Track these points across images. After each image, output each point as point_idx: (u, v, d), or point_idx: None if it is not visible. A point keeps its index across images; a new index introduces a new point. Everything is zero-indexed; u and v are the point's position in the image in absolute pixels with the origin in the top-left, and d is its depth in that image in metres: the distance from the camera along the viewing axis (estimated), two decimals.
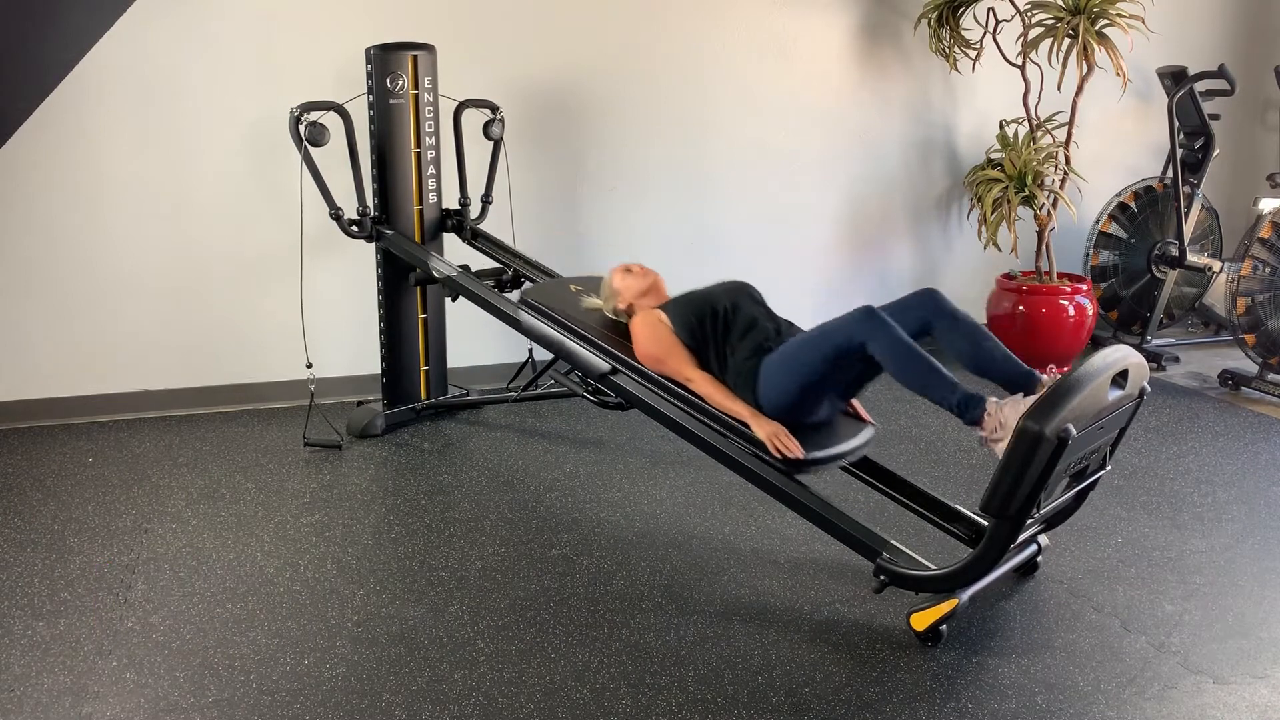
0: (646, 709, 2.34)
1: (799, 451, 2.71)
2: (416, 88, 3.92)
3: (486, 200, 4.20)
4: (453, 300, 3.96)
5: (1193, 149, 5.13)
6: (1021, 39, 4.71)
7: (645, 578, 2.93)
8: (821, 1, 4.82)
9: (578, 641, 2.60)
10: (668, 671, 2.48)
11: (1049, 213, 4.76)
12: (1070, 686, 2.43)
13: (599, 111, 4.60)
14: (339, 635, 2.63)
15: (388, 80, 3.86)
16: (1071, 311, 4.72)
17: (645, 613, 2.74)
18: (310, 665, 2.50)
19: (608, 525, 3.26)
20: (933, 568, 2.61)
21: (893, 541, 2.69)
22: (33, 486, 3.52)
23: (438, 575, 2.94)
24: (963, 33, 4.80)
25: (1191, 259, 5.03)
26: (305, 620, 2.70)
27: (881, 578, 2.65)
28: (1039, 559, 2.93)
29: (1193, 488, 3.56)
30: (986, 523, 2.60)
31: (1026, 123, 4.80)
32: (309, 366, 3.97)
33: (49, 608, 2.75)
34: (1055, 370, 2.61)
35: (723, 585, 2.89)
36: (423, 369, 4.14)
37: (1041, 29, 4.66)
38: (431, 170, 4.02)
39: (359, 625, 2.68)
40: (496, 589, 2.86)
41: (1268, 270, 4.53)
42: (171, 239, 4.17)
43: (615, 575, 2.94)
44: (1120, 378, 2.56)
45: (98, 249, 4.09)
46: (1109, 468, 2.78)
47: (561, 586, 2.88)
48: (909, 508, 2.96)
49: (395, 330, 4.07)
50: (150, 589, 2.85)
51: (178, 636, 2.62)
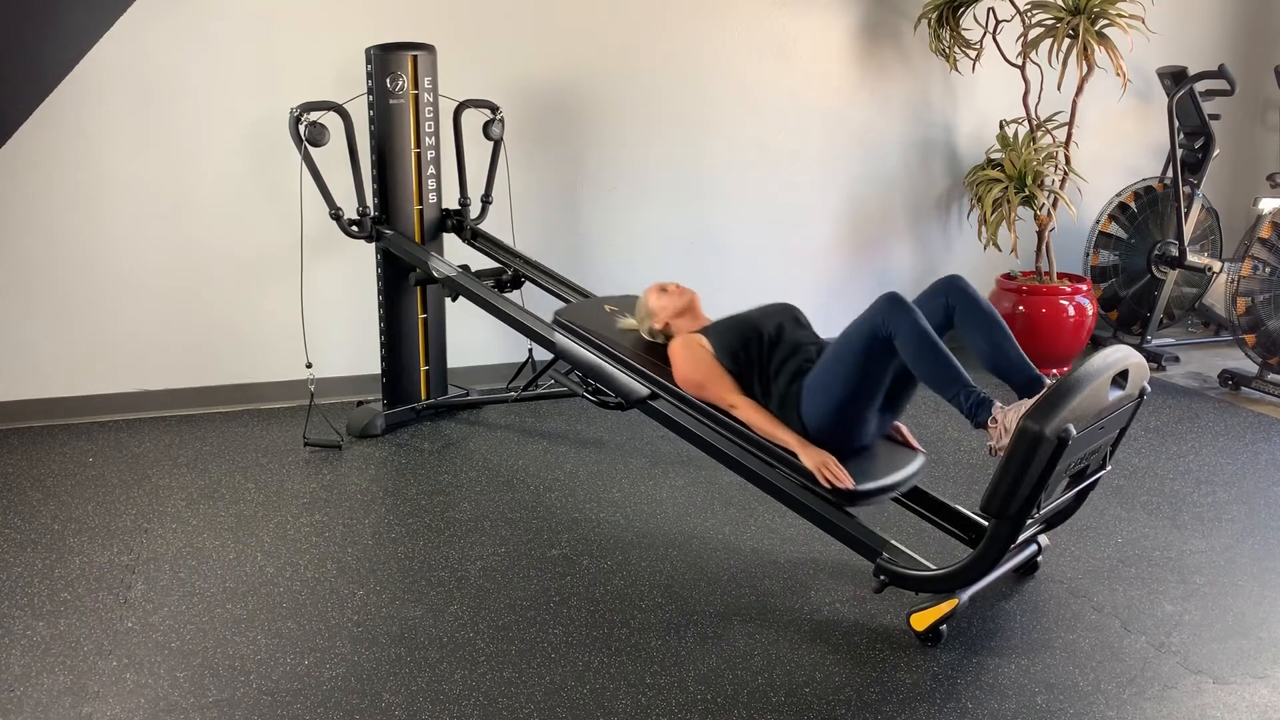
0: (646, 709, 2.34)
1: (849, 482, 2.63)
2: (416, 88, 3.92)
3: (486, 200, 4.20)
4: (452, 300, 3.96)
5: (1193, 149, 5.13)
6: (1021, 39, 4.71)
7: (645, 578, 2.93)
8: (821, 1, 4.82)
9: (578, 641, 2.60)
10: (668, 671, 2.48)
11: (1049, 213, 4.76)
12: (1070, 686, 2.43)
13: (599, 111, 4.60)
14: (339, 635, 2.63)
15: (388, 80, 3.86)
16: (1071, 312, 4.71)
17: (645, 613, 2.74)
18: (310, 665, 2.50)
19: (608, 525, 3.26)
20: (933, 568, 2.61)
21: (893, 541, 2.69)
22: (33, 486, 3.52)
23: (438, 575, 2.94)
24: (963, 33, 4.80)
25: (1191, 259, 5.03)
26: (305, 620, 2.70)
27: (881, 578, 2.65)
28: (1039, 559, 2.93)
29: (1193, 488, 3.56)
30: (986, 523, 2.60)
31: (1026, 123, 4.80)
32: (309, 366, 3.97)
33: (49, 608, 2.75)
34: (1058, 375, 2.60)
35: (723, 585, 2.89)
36: (423, 369, 4.14)
37: (1041, 29, 4.66)
38: (431, 170, 4.02)
39: (359, 625, 2.68)
40: (496, 589, 2.86)
41: (1268, 270, 4.53)
42: (171, 239, 4.17)
43: (615, 575, 2.94)
44: (1120, 378, 2.56)
45: (98, 249, 4.09)
46: (1109, 468, 2.78)
47: (561, 586, 2.88)
48: (909, 508, 2.97)
49: (395, 330, 4.07)
50: (150, 589, 2.85)
51: (178, 636, 2.62)
